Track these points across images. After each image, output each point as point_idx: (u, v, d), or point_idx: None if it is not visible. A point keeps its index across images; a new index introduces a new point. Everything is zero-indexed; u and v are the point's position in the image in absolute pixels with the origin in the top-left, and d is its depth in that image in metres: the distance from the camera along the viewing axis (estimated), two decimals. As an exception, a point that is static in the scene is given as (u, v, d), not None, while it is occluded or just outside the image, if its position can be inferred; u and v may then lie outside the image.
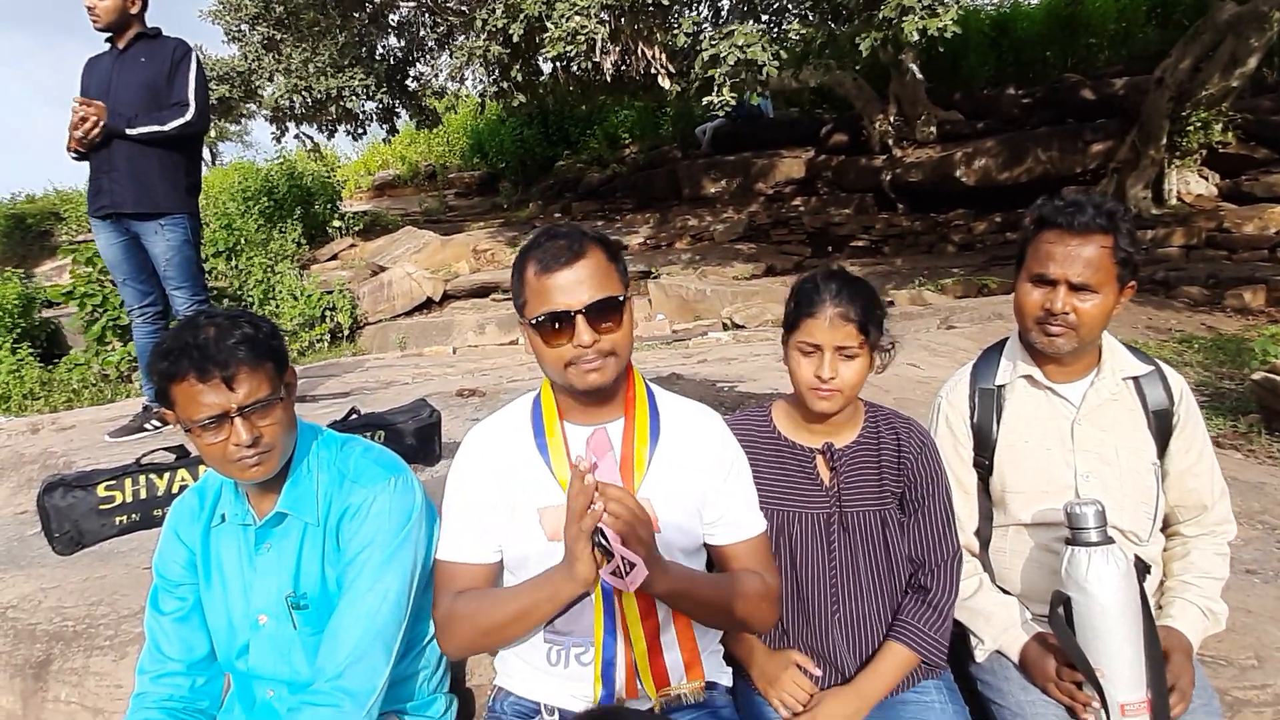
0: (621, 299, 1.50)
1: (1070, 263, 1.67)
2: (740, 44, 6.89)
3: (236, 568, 1.65)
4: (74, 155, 3.76)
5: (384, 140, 13.22)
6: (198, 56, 3.88)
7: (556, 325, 1.47)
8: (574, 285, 1.46)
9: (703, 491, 1.61)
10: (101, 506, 2.48)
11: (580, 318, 1.45)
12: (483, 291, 10.61)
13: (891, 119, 11.46)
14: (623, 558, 1.32)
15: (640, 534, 1.34)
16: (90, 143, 3.66)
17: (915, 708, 1.73)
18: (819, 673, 1.73)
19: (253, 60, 11.11)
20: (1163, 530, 1.86)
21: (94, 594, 2.27)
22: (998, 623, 1.81)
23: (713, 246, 11.63)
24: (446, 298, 10.71)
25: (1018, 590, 1.86)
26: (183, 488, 2.50)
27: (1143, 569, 1.77)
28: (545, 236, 1.52)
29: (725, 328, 8.24)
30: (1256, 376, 4.08)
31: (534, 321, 1.49)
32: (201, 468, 2.48)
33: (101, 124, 3.62)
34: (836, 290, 1.67)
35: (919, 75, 11.05)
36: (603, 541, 1.33)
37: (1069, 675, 1.66)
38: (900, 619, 1.75)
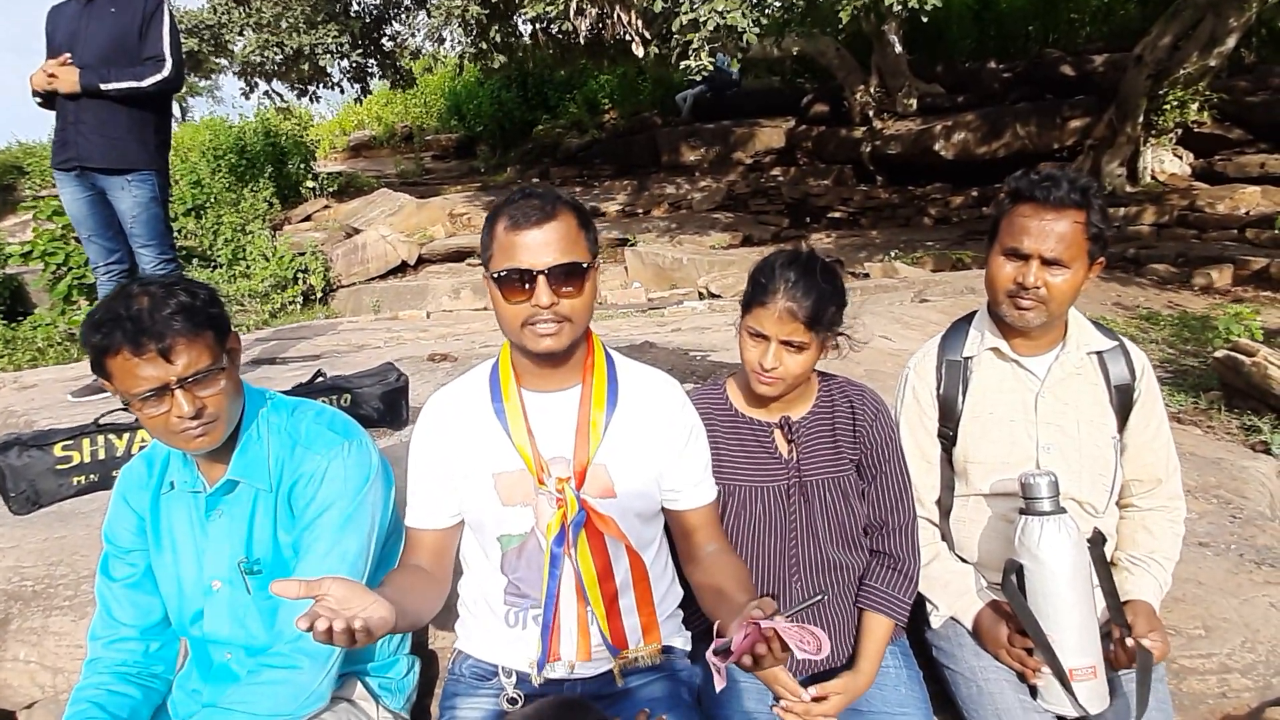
0: (586, 266, 1.50)
1: (1043, 237, 1.68)
2: (720, 9, 6.78)
3: (188, 534, 1.63)
4: (39, 101, 3.66)
5: (356, 101, 12.84)
6: (170, 8, 3.76)
7: (518, 282, 1.46)
8: (540, 246, 1.46)
9: (662, 457, 1.62)
10: (58, 466, 2.43)
11: (542, 278, 1.45)
12: (458, 256, 10.47)
13: (873, 90, 11.37)
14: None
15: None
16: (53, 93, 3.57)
17: (871, 673, 1.77)
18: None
19: (222, 13, 10.75)
20: (1118, 504, 1.89)
21: (53, 554, 2.24)
22: (953, 590, 1.85)
23: (690, 215, 11.55)
24: (421, 261, 10.55)
25: (976, 559, 1.89)
26: (142, 448, 2.45)
27: (1099, 540, 1.80)
28: (520, 195, 1.52)
29: (701, 297, 8.22)
30: (1219, 354, 4.13)
31: (496, 276, 1.48)
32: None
33: (71, 83, 3.52)
34: (792, 282, 1.63)
35: (900, 47, 10.96)
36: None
37: (1020, 641, 1.70)
38: (874, 588, 1.77)
